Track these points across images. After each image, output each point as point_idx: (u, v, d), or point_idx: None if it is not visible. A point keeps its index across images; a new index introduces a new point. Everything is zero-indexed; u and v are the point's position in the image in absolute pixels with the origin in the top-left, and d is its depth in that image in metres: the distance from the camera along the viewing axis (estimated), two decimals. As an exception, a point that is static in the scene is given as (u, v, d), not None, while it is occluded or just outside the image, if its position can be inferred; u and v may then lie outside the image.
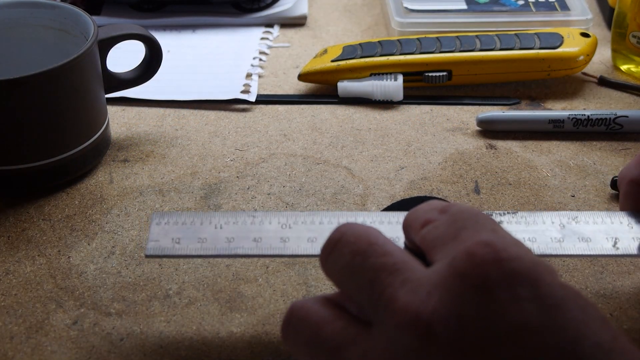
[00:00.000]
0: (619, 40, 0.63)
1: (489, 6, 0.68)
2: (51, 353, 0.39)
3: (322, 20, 0.72)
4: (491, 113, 0.56)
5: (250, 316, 0.41)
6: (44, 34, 0.53)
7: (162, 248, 0.37)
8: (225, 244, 0.37)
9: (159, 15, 0.70)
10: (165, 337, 0.39)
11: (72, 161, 0.49)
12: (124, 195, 0.49)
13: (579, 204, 0.49)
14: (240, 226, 0.38)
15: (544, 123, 0.55)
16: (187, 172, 0.52)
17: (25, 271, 0.44)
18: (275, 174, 0.52)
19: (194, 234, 0.38)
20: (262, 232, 0.38)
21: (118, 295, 0.42)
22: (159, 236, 0.38)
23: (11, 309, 0.41)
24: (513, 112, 0.56)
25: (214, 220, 0.38)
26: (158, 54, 0.54)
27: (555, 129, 0.55)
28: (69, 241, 0.46)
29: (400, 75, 0.59)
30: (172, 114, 0.58)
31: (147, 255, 0.37)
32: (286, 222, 0.38)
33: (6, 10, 0.52)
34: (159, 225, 0.38)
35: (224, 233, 0.38)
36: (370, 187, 0.51)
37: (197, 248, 0.37)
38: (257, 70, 0.63)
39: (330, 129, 0.57)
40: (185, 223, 0.38)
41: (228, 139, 0.55)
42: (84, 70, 0.48)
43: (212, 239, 0.37)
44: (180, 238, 0.37)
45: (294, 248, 0.37)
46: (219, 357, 0.38)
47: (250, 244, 0.37)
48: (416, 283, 0.29)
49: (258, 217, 0.38)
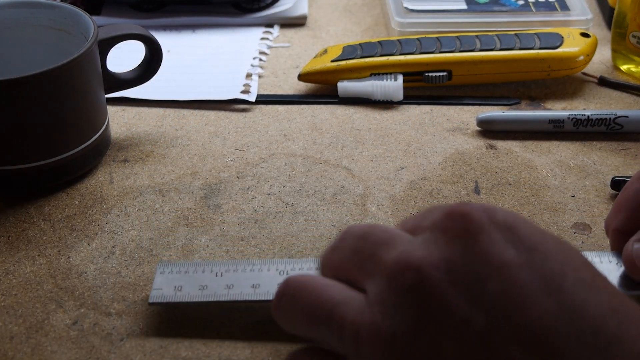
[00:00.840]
0: (619, 40, 0.63)
1: (489, 6, 0.68)
2: (51, 353, 0.39)
3: (322, 20, 0.72)
4: (491, 113, 0.56)
5: (250, 316, 0.41)
6: (44, 34, 0.53)
7: (165, 296, 0.40)
8: (224, 291, 0.40)
9: (159, 15, 0.70)
10: (165, 337, 0.39)
11: (72, 161, 0.49)
12: (124, 196, 0.49)
13: (579, 204, 0.49)
14: (240, 274, 0.40)
15: (544, 123, 0.55)
16: (187, 172, 0.52)
17: (25, 271, 0.44)
18: (275, 174, 0.52)
19: (195, 282, 0.40)
20: (261, 279, 0.40)
21: (118, 295, 0.42)
22: (162, 284, 0.40)
23: (11, 309, 0.41)
24: (513, 112, 0.56)
25: (215, 268, 0.41)
26: (158, 54, 0.54)
27: (555, 129, 0.55)
28: (69, 241, 0.46)
29: (400, 76, 0.59)
30: (172, 114, 0.58)
31: (151, 303, 0.39)
32: (283, 269, 0.40)
33: (6, 10, 0.52)
34: (162, 275, 0.41)
35: (224, 280, 0.40)
36: (370, 187, 0.51)
37: (198, 295, 0.39)
38: (257, 70, 0.63)
39: (330, 129, 0.57)
40: (187, 272, 0.41)
41: (228, 139, 0.55)
42: (84, 71, 0.48)
43: (212, 286, 0.40)
44: (182, 286, 0.40)
45: None
46: (219, 357, 0.38)
47: (249, 290, 0.39)
48: (404, 245, 0.31)
49: (257, 264, 0.41)
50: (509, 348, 0.27)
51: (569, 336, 0.27)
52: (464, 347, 0.28)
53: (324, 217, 0.48)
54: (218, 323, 0.40)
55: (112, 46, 0.51)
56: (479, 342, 0.28)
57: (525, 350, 0.27)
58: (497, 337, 0.27)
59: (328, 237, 0.46)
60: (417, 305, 0.29)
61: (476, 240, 0.29)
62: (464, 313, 0.28)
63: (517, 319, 0.28)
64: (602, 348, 0.27)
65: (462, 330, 0.28)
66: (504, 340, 0.27)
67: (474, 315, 0.28)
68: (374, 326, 0.29)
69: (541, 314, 0.28)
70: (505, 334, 0.27)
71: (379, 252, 0.31)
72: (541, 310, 0.28)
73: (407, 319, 0.29)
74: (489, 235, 0.29)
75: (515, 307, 0.28)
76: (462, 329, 0.28)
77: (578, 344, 0.27)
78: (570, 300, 0.28)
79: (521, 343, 0.27)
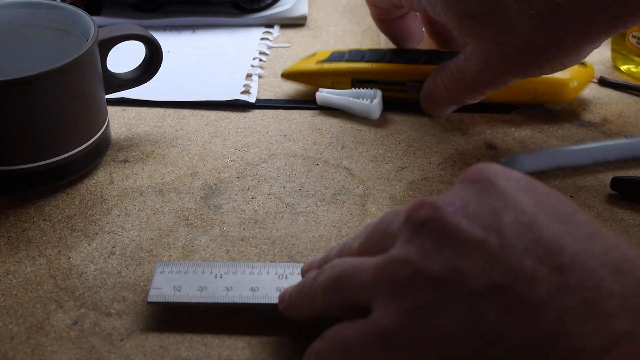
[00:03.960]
0: (619, 40, 0.63)
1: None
2: (51, 353, 0.39)
3: (322, 20, 0.72)
4: (529, 157, 0.52)
5: (251, 316, 0.41)
6: (44, 34, 0.53)
7: (164, 295, 0.40)
8: (223, 293, 0.40)
9: (159, 16, 0.70)
10: (165, 337, 0.39)
11: (73, 161, 0.49)
12: (124, 196, 0.50)
13: (578, 204, 0.49)
14: (239, 276, 0.41)
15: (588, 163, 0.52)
16: (187, 172, 0.52)
17: (26, 271, 0.44)
18: (276, 175, 0.52)
19: (194, 282, 0.40)
20: (260, 281, 0.40)
21: (118, 295, 0.42)
22: (162, 284, 0.40)
23: (11, 309, 0.41)
24: (549, 153, 0.52)
25: (214, 270, 0.41)
26: (158, 54, 0.54)
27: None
28: (69, 241, 0.46)
29: (378, 94, 0.57)
30: (172, 115, 0.58)
31: (149, 302, 0.40)
32: (283, 273, 0.41)
33: (6, 10, 0.52)
34: (162, 274, 0.41)
35: (223, 282, 0.40)
36: (370, 187, 0.51)
37: (197, 296, 0.40)
38: (257, 70, 0.63)
39: (330, 129, 0.57)
40: (187, 272, 0.41)
41: (228, 140, 0.55)
42: (84, 71, 0.48)
43: (211, 287, 0.40)
44: (182, 286, 0.40)
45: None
46: (219, 357, 0.39)
47: (248, 293, 0.40)
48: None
49: (257, 267, 0.41)
50: (523, 260, 0.29)
51: (580, 253, 0.29)
52: (479, 265, 0.29)
53: (324, 217, 0.48)
54: (218, 323, 0.40)
55: (112, 46, 0.51)
56: (493, 258, 0.29)
57: (540, 261, 0.29)
58: (512, 252, 0.29)
59: (328, 238, 0.46)
60: (432, 232, 0.31)
61: (492, 182, 0.31)
62: (477, 235, 0.30)
63: (530, 236, 0.29)
64: (614, 265, 0.28)
65: (476, 249, 0.29)
66: (519, 254, 0.29)
67: (488, 237, 0.30)
68: (388, 258, 0.31)
69: (555, 235, 0.29)
70: (520, 249, 0.29)
71: (397, 215, 0.33)
72: (554, 232, 0.29)
73: (422, 245, 0.31)
74: (505, 180, 0.32)
75: (529, 229, 0.29)
76: (477, 249, 0.29)
77: (590, 259, 0.28)
78: (582, 229, 0.30)
79: (536, 256, 0.29)
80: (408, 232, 0.32)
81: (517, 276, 0.28)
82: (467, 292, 0.29)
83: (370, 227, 0.35)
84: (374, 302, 0.31)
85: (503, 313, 0.28)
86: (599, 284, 0.28)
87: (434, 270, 0.30)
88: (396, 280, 0.30)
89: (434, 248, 0.30)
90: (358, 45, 0.68)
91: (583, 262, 0.28)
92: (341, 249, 0.37)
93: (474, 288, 0.29)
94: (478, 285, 0.29)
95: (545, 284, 0.28)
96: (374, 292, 0.31)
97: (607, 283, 0.28)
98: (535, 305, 0.28)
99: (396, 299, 0.30)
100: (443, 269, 0.30)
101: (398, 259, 0.31)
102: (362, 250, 0.35)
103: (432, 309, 0.29)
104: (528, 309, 0.28)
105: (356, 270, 0.33)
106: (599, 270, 0.28)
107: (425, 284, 0.30)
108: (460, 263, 0.29)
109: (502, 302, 0.28)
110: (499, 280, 0.28)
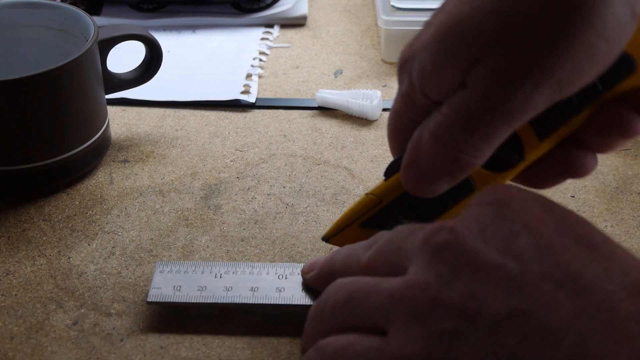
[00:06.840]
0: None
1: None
2: (51, 353, 0.39)
3: (322, 20, 0.72)
4: None
5: (250, 316, 0.41)
6: (44, 34, 0.53)
7: (164, 295, 0.40)
8: (223, 292, 0.40)
9: (159, 16, 0.70)
10: (165, 337, 0.39)
11: (73, 161, 0.49)
12: (124, 196, 0.50)
13: (579, 204, 0.49)
14: (239, 276, 0.41)
15: None
16: (187, 172, 0.52)
17: (26, 271, 0.44)
18: (276, 175, 0.52)
19: (194, 282, 0.40)
20: (260, 282, 0.40)
21: (118, 295, 0.42)
22: (161, 284, 0.40)
23: (11, 310, 0.41)
24: None
25: (214, 270, 0.41)
26: (158, 54, 0.54)
27: None
28: (69, 242, 0.46)
29: (378, 95, 0.57)
30: (172, 115, 0.58)
31: (149, 302, 0.39)
32: (282, 273, 0.41)
33: (6, 10, 0.52)
34: (162, 274, 0.41)
35: (223, 282, 0.40)
36: (370, 187, 0.50)
37: (197, 296, 0.39)
38: (257, 70, 0.64)
39: (330, 129, 0.57)
40: (187, 272, 0.41)
41: (228, 140, 0.55)
42: (84, 71, 0.48)
43: (211, 287, 0.40)
44: (181, 286, 0.40)
45: (289, 297, 0.39)
46: (219, 357, 0.38)
47: (248, 293, 0.40)
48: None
49: (256, 267, 0.41)
50: (542, 285, 0.29)
51: (598, 275, 0.29)
52: (498, 291, 0.29)
53: (324, 217, 0.48)
54: (218, 323, 0.40)
55: (112, 46, 0.51)
56: (513, 284, 0.29)
57: (559, 285, 0.29)
58: (530, 277, 0.29)
59: (328, 238, 0.46)
60: (451, 257, 0.31)
61: (507, 205, 0.31)
62: (496, 261, 0.30)
63: (548, 260, 0.29)
64: (633, 286, 0.28)
65: (495, 275, 0.29)
66: (538, 278, 0.29)
67: (506, 262, 0.30)
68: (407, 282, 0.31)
69: (573, 258, 0.29)
70: (538, 274, 0.29)
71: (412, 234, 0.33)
72: (572, 255, 0.29)
73: (441, 270, 0.30)
74: (521, 202, 0.32)
75: (547, 252, 0.30)
76: (495, 274, 0.29)
77: (608, 282, 0.29)
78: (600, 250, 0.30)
79: (555, 280, 0.29)
80: (426, 256, 0.31)
81: (536, 301, 0.28)
82: (488, 318, 0.29)
83: (382, 240, 0.35)
84: (390, 326, 0.31)
85: (524, 338, 0.28)
86: (618, 305, 0.28)
87: (455, 297, 0.30)
88: (416, 305, 0.30)
89: (453, 273, 0.30)
90: (358, 45, 0.68)
91: (602, 285, 0.28)
92: (347, 257, 0.37)
93: (495, 314, 0.29)
94: (498, 311, 0.29)
95: (565, 308, 0.28)
96: (391, 316, 0.31)
97: (626, 304, 0.28)
98: (555, 329, 0.28)
99: (416, 324, 0.30)
100: (463, 295, 0.30)
101: (418, 283, 0.31)
102: (372, 263, 0.35)
103: (454, 335, 0.29)
104: (548, 334, 0.28)
105: (368, 292, 0.33)
106: (617, 293, 0.28)
107: (446, 310, 0.30)
108: (480, 289, 0.29)
109: (523, 327, 0.28)
110: (519, 305, 0.29)
